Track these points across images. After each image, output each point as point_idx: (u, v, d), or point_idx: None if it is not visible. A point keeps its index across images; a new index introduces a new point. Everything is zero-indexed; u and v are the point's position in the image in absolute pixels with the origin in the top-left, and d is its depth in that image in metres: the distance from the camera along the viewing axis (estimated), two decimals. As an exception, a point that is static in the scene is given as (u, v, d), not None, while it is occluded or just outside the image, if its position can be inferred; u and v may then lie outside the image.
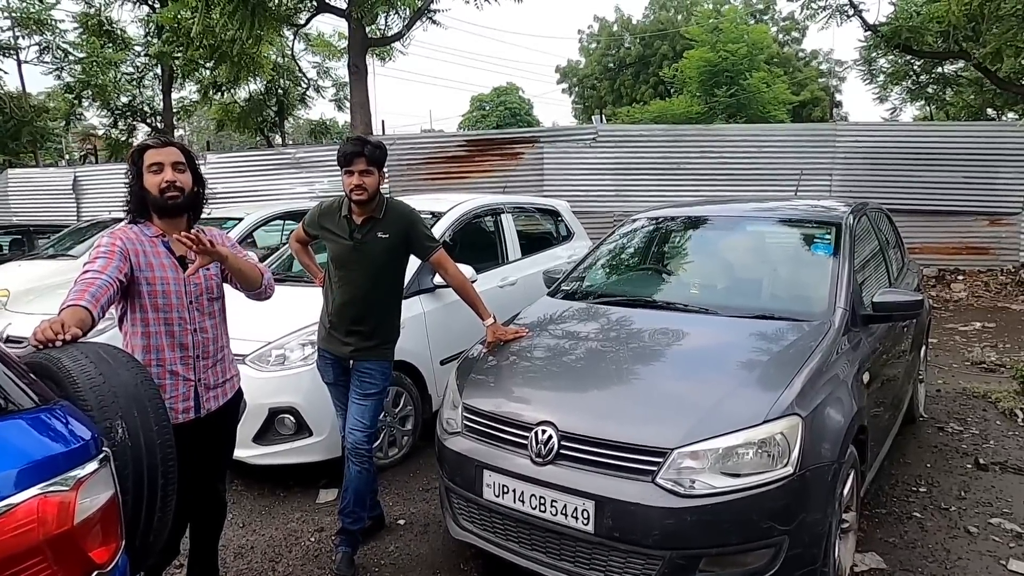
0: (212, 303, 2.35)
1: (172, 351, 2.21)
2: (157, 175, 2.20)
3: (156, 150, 2.23)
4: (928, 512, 3.27)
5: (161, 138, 2.33)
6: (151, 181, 2.20)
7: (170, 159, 2.23)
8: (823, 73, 31.51)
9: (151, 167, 2.21)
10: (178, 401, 2.24)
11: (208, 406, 2.33)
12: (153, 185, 2.20)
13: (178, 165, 2.24)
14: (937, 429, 4.34)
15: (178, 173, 2.23)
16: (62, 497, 1.15)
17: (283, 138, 22.27)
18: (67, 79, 17.03)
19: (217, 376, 2.36)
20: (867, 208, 3.98)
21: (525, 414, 2.53)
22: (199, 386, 2.29)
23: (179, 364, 2.23)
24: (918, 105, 22.15)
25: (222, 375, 2.38)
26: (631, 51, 33.83)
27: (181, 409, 2.24)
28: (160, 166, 2.21)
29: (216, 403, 2.36)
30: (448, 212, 4.70)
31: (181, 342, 2.23)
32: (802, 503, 2.22)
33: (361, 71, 12.48)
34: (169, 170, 2.21)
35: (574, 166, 10.92)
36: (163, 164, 2.21)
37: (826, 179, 10.12)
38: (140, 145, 2.29)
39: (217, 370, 2.36)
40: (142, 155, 2.23)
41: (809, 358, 2.55)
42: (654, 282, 3.73)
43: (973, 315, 8.08)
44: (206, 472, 2.43)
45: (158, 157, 2.22)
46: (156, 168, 2.21)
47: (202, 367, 2.29)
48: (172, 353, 2.21)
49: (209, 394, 2.33)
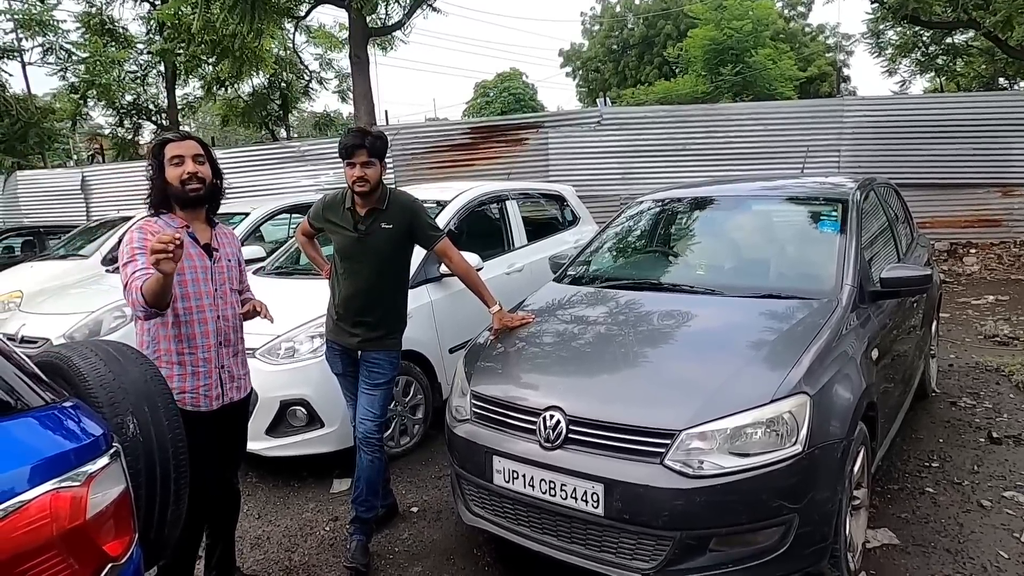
0: (233, 293, 2.44)
1: (204, 338, 2.30)
2: (178, 167, 2.27)
3: (176, 143, 2.30)
4: (941, 487, 3.26)
5: (181, 132, 2.42)
6: (173, 174, 2.27)
7: (190, 152, 2.29)
8: (830, 48, 31.11)
9: (172, 160, 2.27)
10: (212, 388, 2.33)
11: (231, 396, 2.40)
12: (175, 177, 2.27)
13: (198, 157, 2.30)
14: (950, 404, 4.32)
15: (198, 165, 2.30)
16: (74, 492, 1.17)
17: (288, 131, 22.29)
18: (71, 79, 17.08)
19: (238, 367, 2.45)
20: (874, 183, 3.94)
21: (533, 400, 2.54)
22: (223, 374, 2.37)
23: (211, 351, 2.32)
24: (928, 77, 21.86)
25: (242, 367, 2.47)
26: (634, 32, 33.50)
27: (214, 396, 2.34)
28: (181, 159, 2.27)
29: (238, 394, 2.44)
30: (453, 200, 4.70)
31: (212, 328, 2.31)
32: (811, 481, 2.22)
33: (363, 61, 12.45)
34: (190, 162, 2.28)
35: (579, 150, 10.86)
36: (184, 157, 2.27)
37: (834, 155, 10.00)
38: (161, 139, 2.36)
39: (238, 360, 2.45)
40: (163, 149, 2.29)
41: (816, 336, 2.54)
42: (660, 264, 3.73)
43: (986, 288, 8.00)
44: (223, 466, 2.49)
45: (179, 150, 2.28)
46: (177, 161, 2.27)
47: (225, 354, 2.37)
48: (205, 340, 2.30)
49: (233, 384, 2.42)
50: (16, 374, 1.37)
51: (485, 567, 2.83)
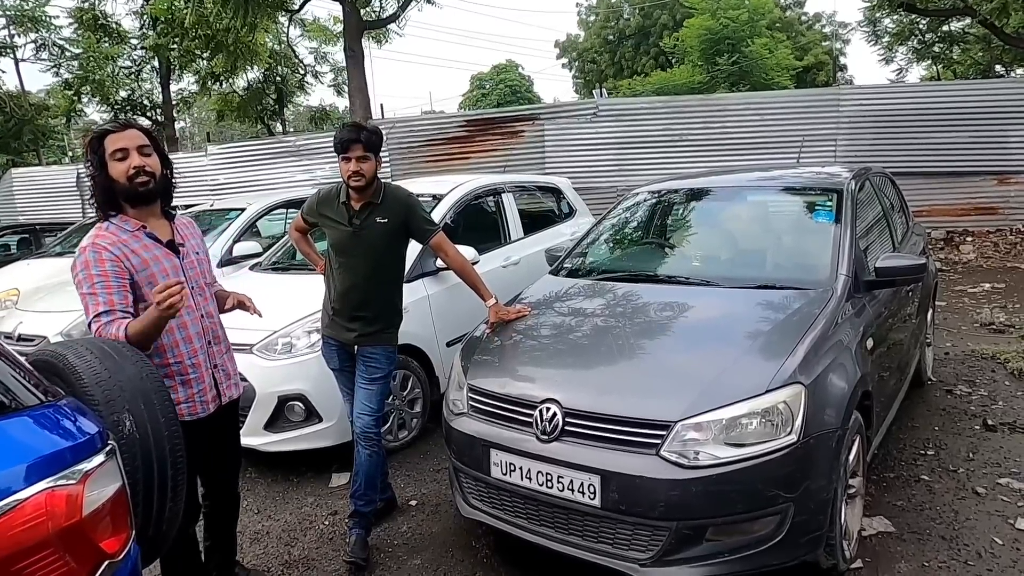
0: (208, 287, 2.32)
1: (189, 344, 2.18)
2: (123, 162, 2.04)
3: (117, 134, 2.06)
4: (936, 474, 3.28)
5: (120, 120, 2.15)
6: (117, 169, 2.05)
7: (134, 143, 2.06)
8: (826, 36, 31.01)
9: (115, 154, 2.04)
10: (206, 392, 2.23)
11: (229, 393, 2.34)
12: (121, 173, 2.04)
13: (144, 148, 2.08)
14: (945, 392, 4.34)
15: (145, 157, 2.08)
16: (70, 490, 1.18)
17: (283, 126, 22.23)
18: (65, 75, 17.03)
19: (232, 363, 2.39)
20: (869, 173, 3.94)
21: (529, 392, 2.55)
22: (218, 373, 2.29)
23: (199, 355, 2.21)
24: (924, 65, 21.84)
25: (233, 363, 2.41)
26: (630, 22, 33.35)
27: (210, 399, 2.25)
28: (125, 151, 2.05)
29: (235, 392, 2.38)
30: (448, 194, 4.70)
31: (195, 331, 2.20)
32: (806, 470, 2.24)
33: (358, 55, 12.40)
34: (136, 155, 2.05)
35: (575, 142, 10.85)
36: (128, 149, 2.05)
37: (831, 144, 10.00)
38: (98, 131, 2.09)
39: (229, 357, 2.38)
40: (102, 142, 2.06)
41: (811, 326, 2.55)
42: (656, 256, 3.73)
43: (982, 276, 8.02)
44: (224, 469, 2.46)
45: (121, 142, 2.05)
46: (121, 155, 2.04)
47: (216, 352, 2.29)
48: (189, 345, 2.18)
49: (230, 381, 2.36)
50: (11, 373, 1.37)
51: (483, 559, 2.85)
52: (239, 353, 3.61)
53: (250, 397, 3.57)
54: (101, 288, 2.00)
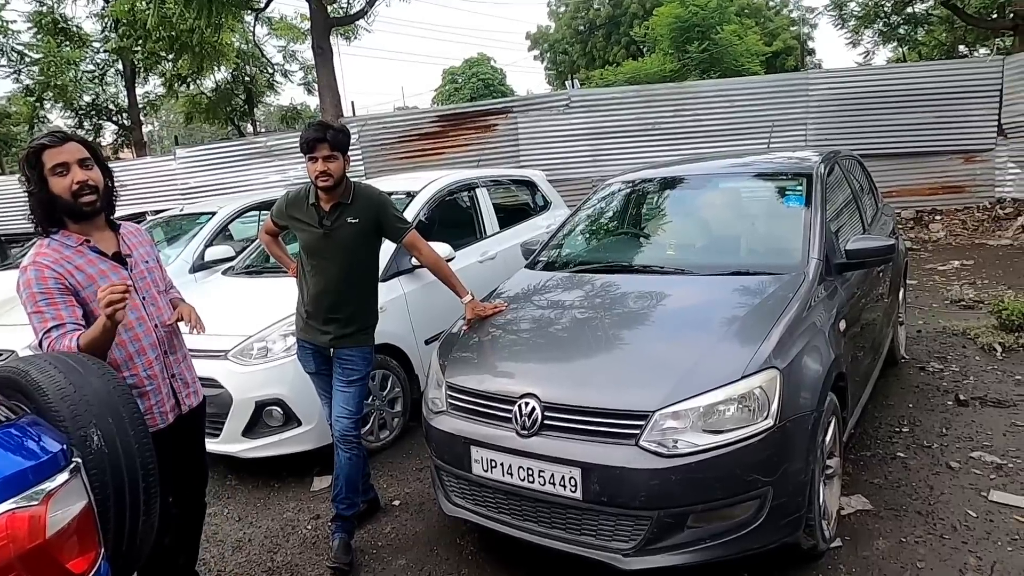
0: (161, 295, 2.27)
1: (143, 355, 2.13)
2: (64, 177, 1.98)
3: (55, 149, 1.99)
4: (911, 451, 3.34)
5: (58, 135, 2.05)
6: (59, 185, 1.98)
7: (74, 156, 2.00)
8: (794, 21, 31.29)
9: (55, 169, 1.98)
10: (164, 403, 2.20)
11: (188, 402, 2.30)
12: (63, 189, 1.98)
13: (85, 162, 2.03)
14: (919, 369, 4.41)
15: (87, 171, 2.02)
16: (32, 512, 1.14)
17: (254, 126, 21.94)
18: (26, 82, 16.61)
19: (190, 370, 2.35)
20: (838, 156, 3.98)
21: (508, 388, 2.54)
22: (175, 382, 2.25)
23: (154, 366, 2.17)
24: (891, 47, 22.14)
25: (191, 371, 2.37)
26: (600, 12, 33.35)
27: (169, 409, 2.21)
28: (66, 166, 1.99)
29: (195, 400, 2.34)
30: (422, 191, 4.66)
31: (148, 343, 2.15)
32: (784, 454, 2.26)
33: (326, 52, 12.25)
34: (77, 169, 2.00)
35: (549, 134, 10.83)
36: (68, 164, 1.99)
37: (801, 129, 10.11)
38: (35, 145, 2.02)
39: (187, 365, 2.34)
40: (40, 157, 1.99)
41: (785, 310, 2.57)
42: (631, 246, 3.74)
43: (951, 254, 8.17)
44: (189, 481, 2.40)
45: (60, 157, 1.98)
46: (61, 170, 1.98)
47: (173, 362, 2.25)
48: (144, 357, 2.13)
49: (188, 390, 2.32)
50: (-33, 393, 1.33)
51: (468, 556, 2.84)
52: (214, 360, 3.60)
53: (227, 404, 3.52)
54: (47, 305, 1.96)
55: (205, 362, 3.61)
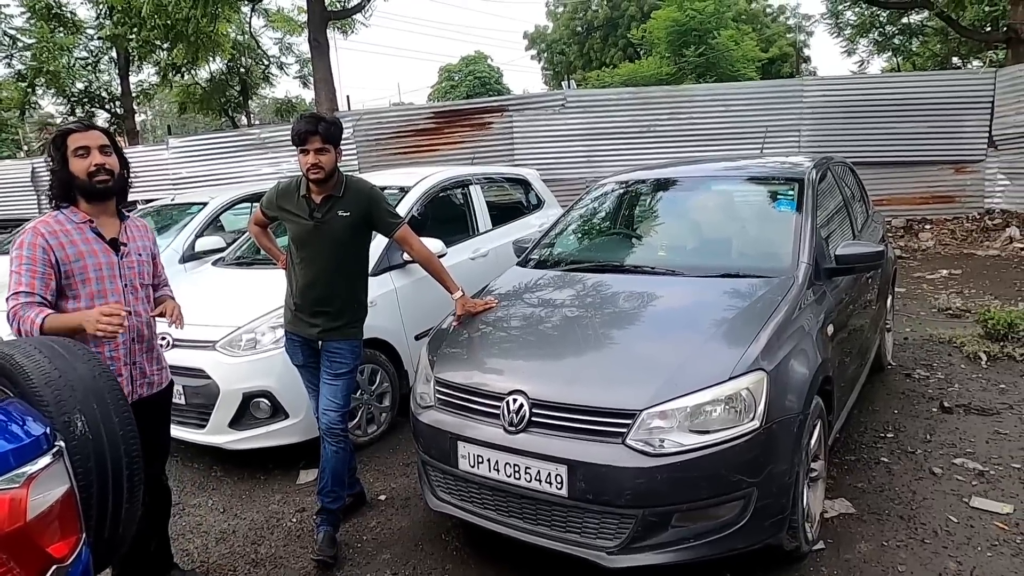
0: (144, 288, 2.37)
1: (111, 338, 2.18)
2: (84, 159, 2.18)
3: (80, 134, 2.21)
4: (895, 456, 3.37)
5: (84, 122, 2.32)
6: (78, 166, 2.18)
7: (96, 142, 2.21)
8: (791, 28, 31.46)
9: (77, 151, 2.18)
10: (124, 386, 2.23)
11: (140, 392, 2.34)
12: (81, 170, 2.18)
13: (104, 148, 2.22)
14: (904, 376, 4.45)
15: (105, 156, 2.21)
16: (12, 494, 1.14)
17: (248, 118, 21.82)
18: (18, 67, 16.44)
19: (151, 363, 2.38)
20: (831, 162, 4.00)
21: (496, 384, 2.54)
22: (134, 371, 2.31)
23: (120, 349, 2.25)
24: (885, 57, 22.30)
25: (156, 363, 2.40)
26: (598, 14, 33.38)
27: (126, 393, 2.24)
28: (87, 150, 2.19)
29: (147, 391, 2.37)
30: (415, 186, 4.65)
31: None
32: (769, 455, 2.27)
33: (323, 45, 12.20)
34: (97, 153, 2.19)
35: (544, 133, 10.84)
36: (89, 148, 2.19)
37: (795, 135, 10.16)
38: (62, 129, 2.25)
39: (151, 356, 2.38)
40: (65, 140, 2.20)
41: (773, 313, 2.58)
42: (622, 246, 3.75)
43: (940, 263, 8.24)
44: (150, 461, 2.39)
45: (83, 141, 2.19)
46: (83, 152, 2.18)
47: (137, 351, 2.32)
48: (111, 340, 2.19)
49: (144, 380, 2.35)
50: (-50, 375, 1.32)
51: (453, 552, 2.84)
52: (202, 350, 3.58)
53: (214, 395, 3.51)
54: (27, 271, 2.11)
55: (193, 352, 3.61)
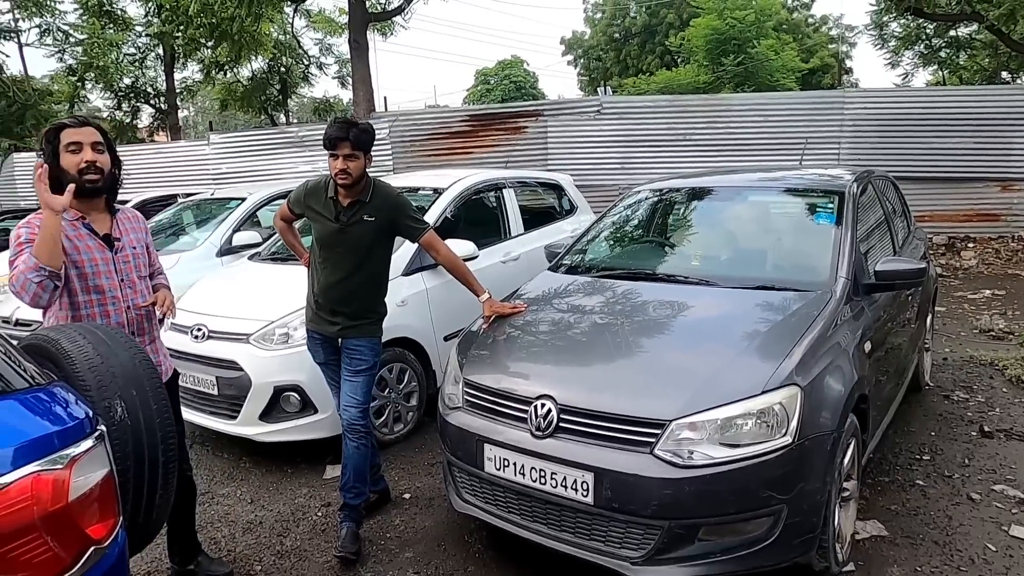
0: (141, 280, 2.39)
1: None
2: (76, 155, 2.18)
3: (74, 129, 2.20)
4: (931, 480, 3.27)
5: (79, 118, 2.29)
6: (69, 161, 2.17)
7: (89, 139, 2.20)
8: (833, 39, 30.91)
9: (69, 147, 2.18)
10: None
11: None
12: (72, 165, 2.17)
13: (97, 145, 2.22)
14: (943, 397, 4.33)
15: (97, 154, 2.21)
16: (56, 475, 1.17)
17: (287, 116, 22.18)
18: (69, 61, 16.97)
19: (155, 354, 2.41)
20: (872, 176, 3.92)
21: (524, 388, 2.54)
22: None
23: None
24: (931, 70, 21.75)
25: (157, 354, 2.44)
26: (637, 20, 33.22)
27: None
28: (79, 146, 2.18)
29: None
30: (449, 188, 4.68)
31: (117, 321, 2.26)
32: (801, 472, 2.23)
33: (362, 47, 12.37)
34: (88, 150, 2.19)
35: (578, 139, 10.82)
36: (82, 144, 2.18)
37: (834, 147, 9.97)
38: (56, 124, 2.25)
39: (153, 348, 2.41)
40: (58, 134, 2.19)
41: (809, 328, 2.53)
42: (656, 254, 3.72)
43: (983, 283, 8.00)
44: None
45: (76, 137, 2.19)
46: (75, 148, 2.18)
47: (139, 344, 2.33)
48: None
49: None
50: (1, 356, 1.36)
51: (476, 554, 2.84)
52: (236, 343, 3.65)
53: (246, 386, 3.57)
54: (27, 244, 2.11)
55: (227, 344, 3.68)
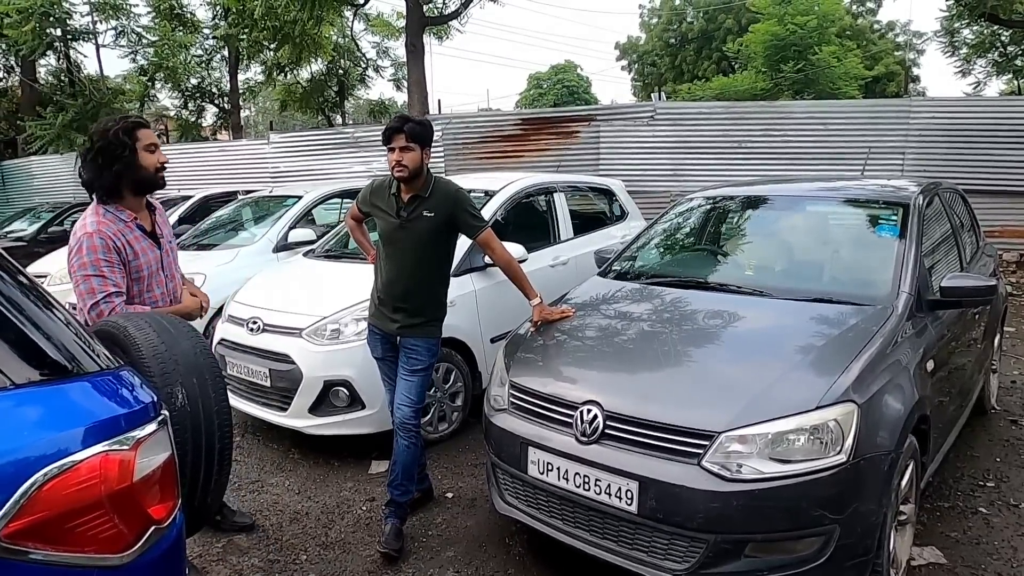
0: (178, 272, 2.55)
1: None
2: (154, 154, 2.33)
3: (148, 130, 2.36)
4: (995, 508, 3.12)
5: (142, 118, 2.45)
6: (149, 160, 2.32)
7: (157, 140, 2.38)
8: (899, 46, 29.85)
9: (148, 147, 2.32)
10: None
11: None
12: (152, 164, 2.32)
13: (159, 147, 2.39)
14: (1010, 422, 4.12)
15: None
16: (123, 456, 1.22)
17: (343, 118, 22.68)
18: (141, 62, 17.75)
19: None
20: (939, 188, 3.77)
21: (571, 393, 2.53)
22: None
23: None
24: (1005, 79, 20.79)
25: None
26: (693, 26, 32.78)
27: None
28: (156, 146, 2.34)
29: None
30: (501, 191, 4.71)
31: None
32: (855, 492, 2.15)
33: (418, 50, 12.56)
34: (159, 151, 2.36)
35: (631, 145, 10.72)
36: (158, 145, 2.35)
37: (899, 158, 9.61)
38: (133, 123, 2.35)
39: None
40: (135, 132, 2.31)
41: (868, 343, 2.45)
42: (708, 263, 3.65)
43: (1057, 303, 7.58)
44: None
45: (152, 138, 2.35)
46: (153, 147, 2.33)
47: None
48: None
49: None
50: (75, 340, 1.43)
51: (516, 556, 2.84)
52: (289, 336, 3.75)
53: (297, 380, 3.66)
54: (109, 271, 2.23)
55: (281, 338, 3.78)
